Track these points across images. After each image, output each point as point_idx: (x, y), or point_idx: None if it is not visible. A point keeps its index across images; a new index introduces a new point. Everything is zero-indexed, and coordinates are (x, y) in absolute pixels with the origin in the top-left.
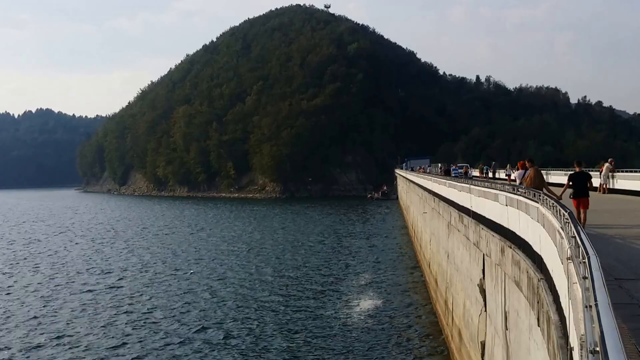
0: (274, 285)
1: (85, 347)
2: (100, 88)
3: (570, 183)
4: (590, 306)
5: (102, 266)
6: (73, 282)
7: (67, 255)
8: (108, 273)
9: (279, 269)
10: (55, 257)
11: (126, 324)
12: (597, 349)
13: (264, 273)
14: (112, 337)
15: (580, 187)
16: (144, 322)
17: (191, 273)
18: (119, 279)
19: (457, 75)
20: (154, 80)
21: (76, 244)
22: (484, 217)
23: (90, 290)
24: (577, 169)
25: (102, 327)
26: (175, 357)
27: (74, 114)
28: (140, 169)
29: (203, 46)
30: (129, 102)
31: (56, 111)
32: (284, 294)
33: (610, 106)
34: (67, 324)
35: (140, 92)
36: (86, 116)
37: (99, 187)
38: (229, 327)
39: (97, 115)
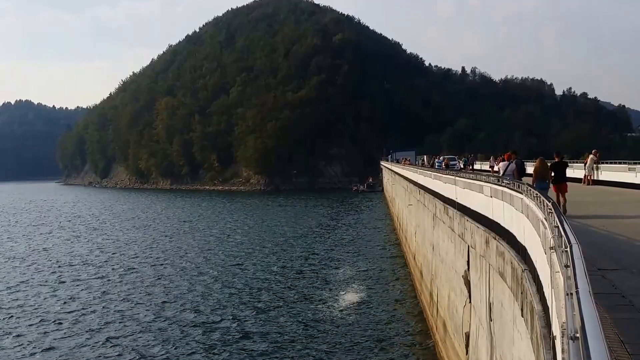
0: (258, 278)
1: (67, 346)
2: (81, 79)
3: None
4: (571, 294)
5: (83, 261)
6: (47, 281)
7: (47, 251)
8: (87, 266)
9: (263, 262)
10: (35, 254)
11: (101, 319)
12: (577, 335)
13: (247, 266)
14: (90, 333)
15: (560, 175)
16: (123, 319)
17: (173, 266)
18: (98, 275)
19: (442, 67)
20: (136, 71)
21: (57, 238)
22: (469, 208)
23: (71, 285)
24: (557, 159)
25: (77, 322)
26: (159, 351)
27: (54, 106)
28: (122, 162)
29: (186, 36)
30: (110, 94)
31: (36, 103)
32: (269, 288)
33: (595, 98)
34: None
35: (122, 83)
36: (67, 108)
37: (80, 180)
38: (211, 322)
39: (77, 106)
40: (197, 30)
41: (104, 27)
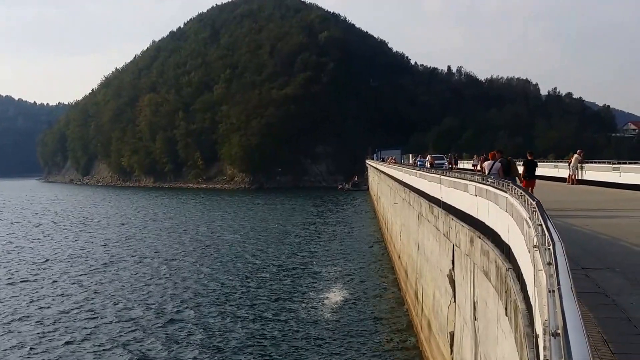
0: (241, 277)
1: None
2: (62, 75)
3: (524, 168)
4: (553, 290)
5: (67, 260)
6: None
7: (29, 249)
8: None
9: (247, 262)
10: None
11: (84, 318)
12: (559, 331)
13: (230, 265)
14: (71, 333)
15: (530, 172)
16: (106, 317)
17: (156, 266)
18: (82, 274)
19: (428, 66)
20: (118, 67)
21: (41, 238)
22: (454, 207)
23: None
24: (529, 157)
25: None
26: (141, 349)
27: (35, 102)
28: (105, 159)
29: (170, 32)
30: (92, 90)
31: (16, 98)
32: (252, 287)
33: (580, 98)
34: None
35: (105, 79)
36: (48, 104)
37: (61, 177)
38: (194, 321)
39: (59, 102)
40: (182, 26)
41: (87, 23)
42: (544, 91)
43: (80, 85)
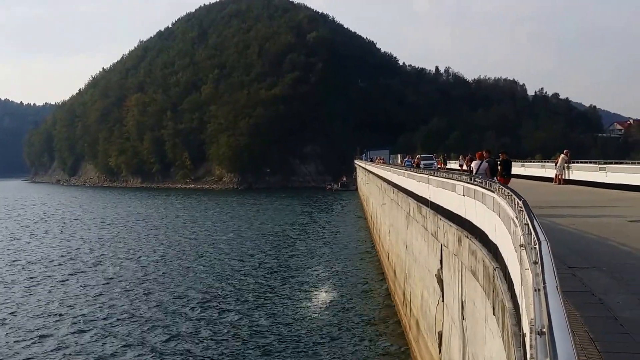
0: (229, 278)
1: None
2: (49, 75)
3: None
4: (539, 289)
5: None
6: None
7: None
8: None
9: (236, 262)
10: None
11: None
12: (544, 330)
13: (219, 265)
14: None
15: (507, 170)
16: (94, 317)
17: (148, 267)
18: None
19: (416, 66)
20: (105, 67)
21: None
22: (442, 207)
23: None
24: (504, 157)
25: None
26: (127, 348)
27: (21, 102)
28: (92, 159)
29: (157, 32)
30: (79, 90)
31: (3, 99)
32: (241, 288)
33: (567, 98)
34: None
35: (92, 79)
36: (34, 104)
37: (48, 178)
38: (180, 322)
39: (46, 103)
40: (170, 26)
41: (74, 23)
42: (530, 92)
43: (67, 85)
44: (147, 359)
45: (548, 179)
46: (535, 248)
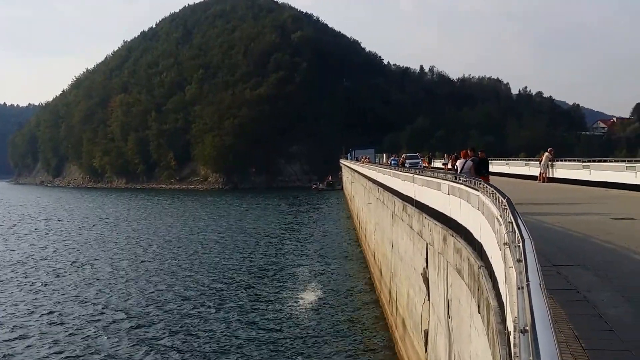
0: (214, 277)
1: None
2: (33, 76)
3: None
4: (522, 287)
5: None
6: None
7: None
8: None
9: (221, 262)
10: None
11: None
12: (527, 328)
13: (203, 265)
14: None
15: (486, 169)
16: (77, 318)
17: (132, 267)
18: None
19: (401, 65)
20: (89, 68)
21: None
22: (428, 206)
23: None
24: (482, 156)
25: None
26: (111, 351)
27: (4, 103)
28: (76, 160)
29: (141, 32)
30: (63, 91)
31: None
32: (226, 288)
33: (550, 97)
34: None
35: (75, 79)
36: (18, 105)
37: (32, 179)
38: (165, 322)
39: (29, 103)
40: (154, 26)
41: (58, 23)
42: (514, 90)
43: (50, 86)
44: (121, 357)
45: (532, 177)
46: (519, 246)
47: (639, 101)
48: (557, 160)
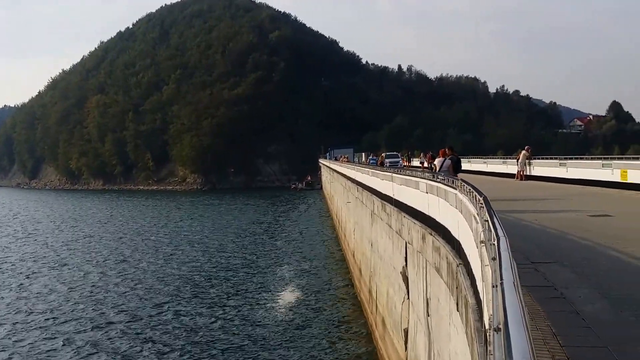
0: (193, 278)
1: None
2: (8, 77)
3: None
4: (496, 286)
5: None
6: None
7: None
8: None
9: (200, 262)
10: None
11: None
12: (501, 326)
13: (183, 266)
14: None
15: (458, 166)
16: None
17: (106, 269)
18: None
19: (379, 65)
20: (65, 69)
21: None
22: (406, 205)
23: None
24: (455, 155)
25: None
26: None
27: None
28: (52, 162)
29: (118, 33)
30: (39, 92)
31: None
32: (205, 288)
33: (528, 95)
34: None
35: (51, 80)
36: None
37: (8, 182)
38: (141, 324)
39: (5, 105)
40: (130, 26)
41: (33, 24)
42: (492, 89)
43: (26, 87)
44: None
45: (510, 175)
46: (494, 244)
47: (615, 99)
48: (535, 158)
